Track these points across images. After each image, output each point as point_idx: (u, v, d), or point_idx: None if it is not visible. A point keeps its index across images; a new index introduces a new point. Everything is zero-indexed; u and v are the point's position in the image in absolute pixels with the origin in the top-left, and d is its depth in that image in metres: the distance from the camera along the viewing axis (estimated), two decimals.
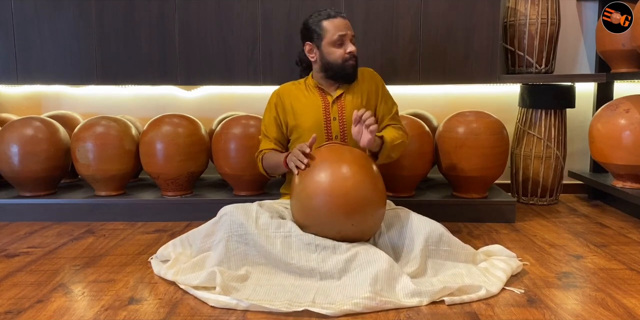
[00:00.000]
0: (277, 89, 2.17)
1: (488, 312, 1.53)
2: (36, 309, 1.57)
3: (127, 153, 2.59)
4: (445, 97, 3.12)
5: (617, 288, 1.71)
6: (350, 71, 2.05)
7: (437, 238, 1.83)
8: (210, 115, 3.07)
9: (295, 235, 1.76)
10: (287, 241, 1.76)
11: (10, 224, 2.55)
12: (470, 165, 2.49)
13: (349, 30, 2.04)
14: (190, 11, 2.73)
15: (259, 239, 1.76)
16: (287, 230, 1.78)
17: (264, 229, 1.78)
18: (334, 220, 1.74)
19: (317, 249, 1.74)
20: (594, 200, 3.02)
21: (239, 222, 1.79)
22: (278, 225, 1.79)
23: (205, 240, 1.88)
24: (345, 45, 2.03)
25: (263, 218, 1.81)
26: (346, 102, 2.09)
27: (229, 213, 1.84)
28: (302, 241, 1.75)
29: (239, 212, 1.82)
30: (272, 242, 1.75)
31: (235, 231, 1.79)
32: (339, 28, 2.02)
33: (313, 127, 2.06)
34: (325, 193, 1.72)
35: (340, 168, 1.76)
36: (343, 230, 1.75)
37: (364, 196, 1.73)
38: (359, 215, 1.74)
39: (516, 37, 2.85)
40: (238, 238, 1.78)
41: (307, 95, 2.11)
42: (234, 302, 1.56)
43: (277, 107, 2.13)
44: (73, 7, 2.75)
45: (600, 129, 2.60)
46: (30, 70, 2.81)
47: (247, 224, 1.78)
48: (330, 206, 1.72)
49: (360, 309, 1.53)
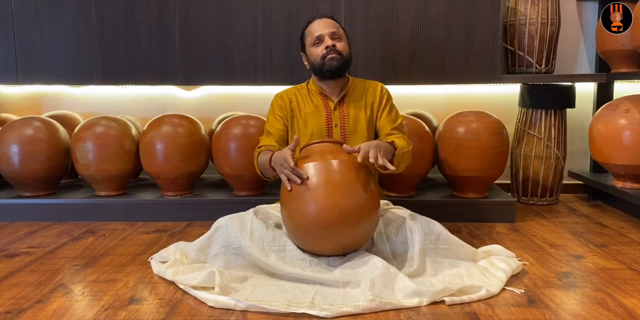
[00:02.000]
0: (279, 93, 2.16)
1: (488, 312, 1.53)
2: (36, 309, 1.57)
3: (127, 153, 2.59)
4: (445, 97, 3.12)
5: (617, 288, 1.71)
6: (333, 65, 1.99)
7: (435, 236, 1.82)
8: (210, 115, 3.07)
9: (290, 250, 1.77)
10: (281, 255, 1.76)
11: (10, 224, 2.55)
12: (470, 165, 2.49)
13: (327, 29, 2.01)
14: (190, 11, 2.73)
15: (253, 252, 1.76)
16: (282, 244, 1.78)
17: (259, 242, 1.78)
18: (325, 245, 1.74)
19: (312, 264, 1.74)
20: (594, 200, 3.02)
21: (234, 235, 1.80)
22: (273, 238, 1.79)
23: (200, 253, 1.87)
24: (323, 42, 2.02)
25: (258, 231, 1.80)
26: (348, 109, 2.08)
27: (223, 226, 1.84)
28: (296, 256, 1.76)
29: (234, 224, 1.82)
30: (267, 255, 1.75)
31: (231, 244, 1.79)
32: (316, 29, 2.03)
33: (315, 133, 2.05)
34: (310, 225, 1.68)
35: (325, 196, 1.66)
36: (336, 248, 1.75)
37: (353, 221, 1.68)
38: (350, 238, 1.72)
39: (516, 37, 2.84)
40: (234, 250, 1.79)
41: (310, 100, 2.11)
42: (232, 303, 1.56)
43: (282, 108, 2.11)
44: (73, 7, 2.76)
45: (600, 129, 2.60)
46: (30, 70, 2.81)
47: (242, 237, 1.78)
48: (317, 236, 1.70)
49: (359, 310, 1.53)
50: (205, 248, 1.86)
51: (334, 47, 2.00)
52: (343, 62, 2.01)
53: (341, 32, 2.06)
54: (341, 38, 2.04)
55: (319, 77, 2.08)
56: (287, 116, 2.10)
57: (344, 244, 1.74)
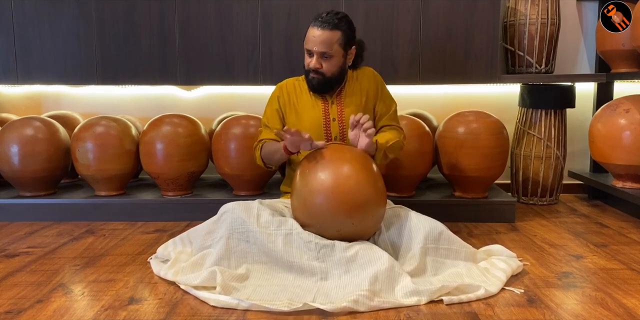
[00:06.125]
0: (280, 83, 2.17)
1: (488, 312, 1.53)
2: (36, 309, 1.57)
3: (127, 153, 2.59)
4: (445, 97, 3.12)
5: (617, 288, 1.71)
6: (313, 83, 2.02)
7: (437, 236, 1.83)
8: (210, 115, 3.07)
9: (297, 233, 1.77)
10: (288, 238, 1.76)
11: (10, 224, 2.55)
12: (470, 165, 2.49)
13: (317, 46, 1.93)
14: (190, 11, 2.73)
15: (260, 236, 1.76)
16: (289, 227, 1.78)
17: (266, 227, 1.78)
18: (335, 218, 1.74)
19: (317, 247, 1.74)
20: (594, 200, 3.02)
21: (241, 219, 1.79)
22: (279, 223, 1.79)
23: (206, 238, 1.88)
24: (310, 58, 1.99)
25: (264, 215, 1.81)
26: (345, 102, 2.09)
27: (230, 210, 1.84)
28: (303, 239, 1.76)
29: (240, 209, 1.82)
30: (274, 240, 1.76)
31: (237, 228, 1.79)
32: (308, 40, 1.97)
33: (312, 127, 2.06)
34: (327, 190, 1.73)
35: (342, 167, 1.77)
36: (343, 229, 1.76)
37: (366, 195, 1.74)
38: (359, 214, 1.74)
39: (516, 37, 2.84)
40: (239, 235, 1.79)
41: (308, 93, 2.11)
42: (234, 302, 1.56)
43: (280, 100, 2.12)
44: (73, 7, 2.75)
45: (600, 129, 2.60)
46: (30, 70, 2.81)
47: (249, 222, 1.78)
48: (331, 204, 1.72)
49: (359, 306, 1.53)
50: (212, 232, 1.87)
51: (318, 69, 1.98)
52: (324, 82, 2.01)
53: (334, 49, 1.95)
54: (332, 56, 1.97)
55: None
56: (285, 108, 2.11)
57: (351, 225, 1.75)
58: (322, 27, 1.93)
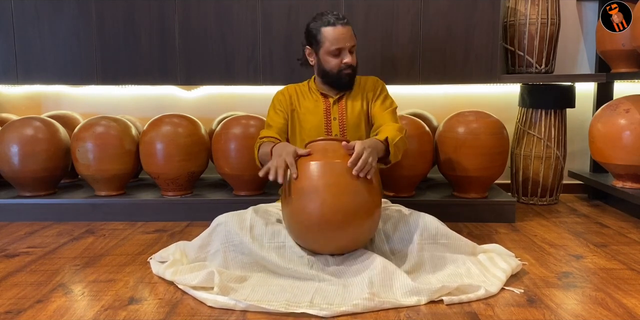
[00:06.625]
0: (280, 89, 2.18)
1: (488, 312, 1.53)
2: (36, 309, 1.57)
3: (127, 153, 2.59)
4: (445, 97, 3.12)
5: (617, 288, 1.71)
6: (345, 80, 2.05)
7: (434, 231, 1.83)
8: (210, 115, 3.07)
9: (289, 247, 1.78)
10: (280, 252, 1.77)
11: (10, 224, 2.55)
12: (470, 165, 2.49)
13: (349, 42, 2.00)
14: (190, 11, 2.73)
15: (253, 248, 1.76)
16: (281, 240, 1.79)
17: (259, 240, 1.78)
18: (328, 244, 1.74)
19: (310, 262, 1.75)
20: (594, 200, 3.02)
21: (234, 231, 1.80)
22: (272, 234, 1.80)
23: (201, 251, 1.87)
24: (342, 55, 2.01)
25: (257, 227, 1.81)
26: (347, 103, 2.10)
27: (223, 223, 1.84)
28: (295, 253, 1.77)
29: (233, 221, 1.82)
30: (267, 252, 1.76)
31: (231, 241, 1.80)
32: (337, 40, 1.98)
33: (314, 128, 2.08)
34: (314, 226, 1.68)
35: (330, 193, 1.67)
36: (336, 251, 1.77)
37: (359, 221, 1.69)
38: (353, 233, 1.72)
39: (516, 37, 2.84)
40: (234, 248, 1.79)
41: (310, 97, 2.13)
42: (232, 303, 1.56)
43: (282, 103, 2.13)
44: (73, 7, 2.75)
45: (600, 129, 2.60)
46: (30, 70, 2.81)
47: (242, 234, 1.79)
48: (321, 236, 1.71)
49: (359, 309, 1.53)
50: (206, 246, 1.86)
51: (353, 65, 2.02)
52: (354, 76, 2.07)
53: (355, 42, 2.05)
54: (355, 48, 2.05)
55: (324, 80, 2.09)
56: (287, 110, 2.12)
57: (345, 244, 1.75)
58: (343, 24, 2.00)
